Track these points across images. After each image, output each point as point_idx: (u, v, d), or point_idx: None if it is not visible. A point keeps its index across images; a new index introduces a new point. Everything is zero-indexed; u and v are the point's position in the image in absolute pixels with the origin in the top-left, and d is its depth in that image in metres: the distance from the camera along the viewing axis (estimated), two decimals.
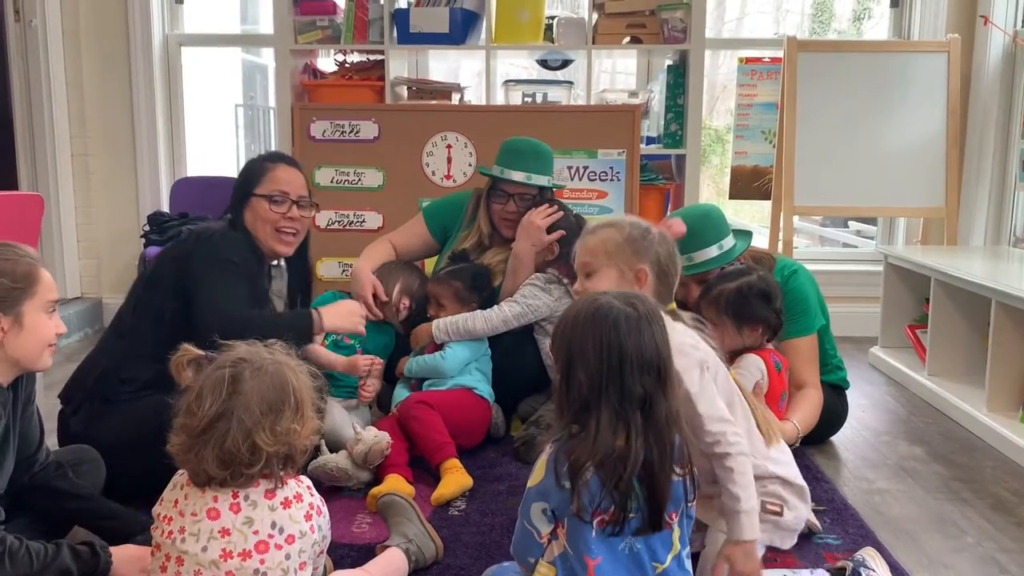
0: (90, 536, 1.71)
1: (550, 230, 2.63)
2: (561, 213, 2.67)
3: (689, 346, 1.63)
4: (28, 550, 1.46)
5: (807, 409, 2.44)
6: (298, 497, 1.38)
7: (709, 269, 2.40)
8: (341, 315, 2.34)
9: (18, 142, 4.08)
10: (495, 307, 2.59)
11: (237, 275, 2.17)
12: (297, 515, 1.37)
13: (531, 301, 2.58)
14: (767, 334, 2.26)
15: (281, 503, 1.36)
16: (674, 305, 1.78)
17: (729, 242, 2.45)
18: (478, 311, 2.58)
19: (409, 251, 2.91)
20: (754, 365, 2.23)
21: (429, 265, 3.02)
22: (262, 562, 1.33)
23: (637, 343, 1.36)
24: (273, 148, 5.27)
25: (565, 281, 2.60)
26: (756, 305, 2.22)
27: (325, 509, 1.44)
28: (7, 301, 1.52)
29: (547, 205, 2.68)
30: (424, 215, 2.96)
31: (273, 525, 1.35)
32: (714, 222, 2.44)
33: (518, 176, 2.72)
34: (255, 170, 2.35)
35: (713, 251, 2.40)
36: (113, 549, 1.60)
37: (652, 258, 1.74)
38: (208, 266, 2.14)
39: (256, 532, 1.34)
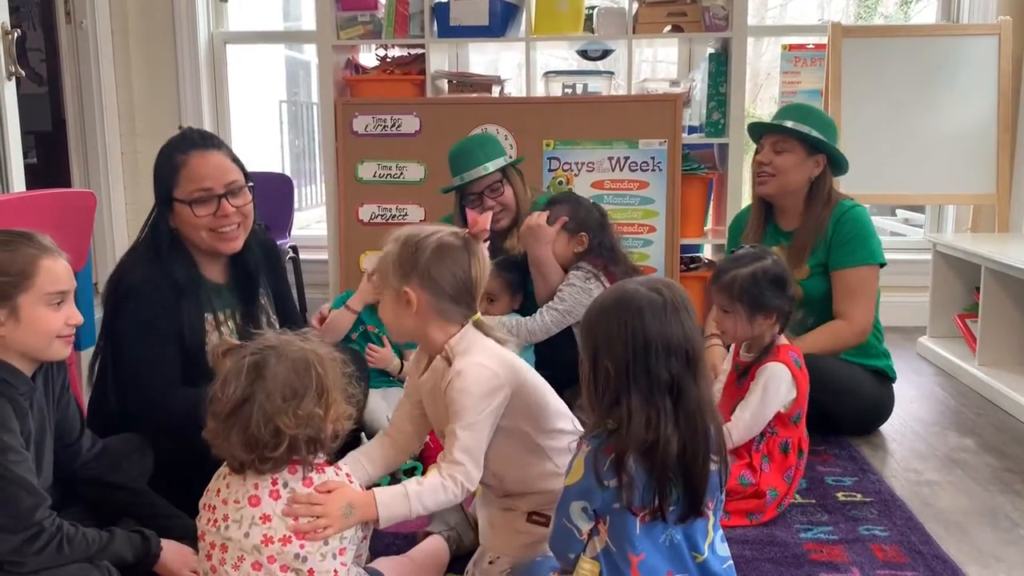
0: (138, 527, 1.73)
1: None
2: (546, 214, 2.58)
3: (482, 384, 1.53)
4: (84, 535, 1.50)
5: (812, 338, 2.49)
6: None
7: (785, 135, 2.54)
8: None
9: (71, 141, 4.18)
10: (535, 316, 2.56)
11: (156, 339, 1.91)
12: None
13: (569, 305, 2.53)
14: (780, 323, 2.08)
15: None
16: (478, 316, 1.60)
17: (820, 137, 2.54)
18: (521, 320, 2.57)
19: None
20: (783, 381, 2.03)
21: None
22: (302, 547, 1.37)
23: (662, 329, 1.35)
24: (317, 144, 5.34)
25: (602, 276, 2.56)
26: (770, 292, 2.04)
27: None
28: (0, 294, 1.50)
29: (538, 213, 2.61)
30: None
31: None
32: (823, 121, 2.58)
33: (475, 172, 2.68)
34: (165, 168, 1.97)
35: (803, 128, 2.53)
36: (161, 540, 1.64)
37: (421, 275, 1.53)
38: (122, 339, 1.92)
39: (296, 519, 1.37)
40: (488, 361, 1.55)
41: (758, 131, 2.67)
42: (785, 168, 2.56)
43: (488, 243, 1.64)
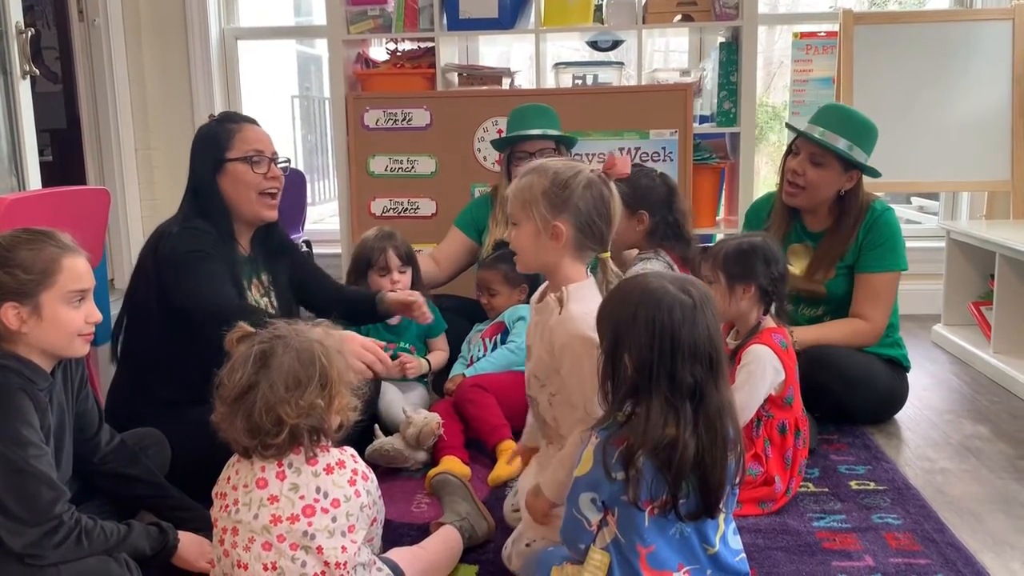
0: (155, 520, 1.74)
1: None
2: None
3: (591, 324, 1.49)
4: (102, 529, 1.52)
5: (829, 328, 2.52)
6: (340, 464, 1.44)
7: (825, 149, 2.47)
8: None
9: (85, 139, 4.21)
10: None
11: (210, 262, 2.04)
12: (340, 480, 1.42)
13: None
14: (763, 302, 2.07)
15: (324, 469, 1.42)
16: (607, 254, 1.61)
17: (860, 155, 2.49)
18: None
19: (451, 258, 2.97)
20: (768, 363, 2.01)
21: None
22: (310, 524, 1.39)
23: (691, 332, 1.32)
24: (329, 138, 5.37)
25: (676, 268, 2.41)
26: (753, 264, 2.05)
27: (372, 475, 1.49)
28: (23, 292, 1.52)
29: None
30: (456, 223, 3.07)
31: (318, 490, 1.41)
32: (865, 131, 2.50)
33: (533, 132, 2.79)
34: (219, 134, 2.16)
35: (841, 143, 2.47)
36: (179, 532, 1.66)
37: (571, 211, 1.56)
38: (177, 266, 2.02)
39: (302, 497, 1.40)
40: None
41: (795, 132, 2.60)
42: (819, 184, 2.52)
43: None
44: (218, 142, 2.14)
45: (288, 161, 2.27)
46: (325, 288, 2.44)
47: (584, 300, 1.57)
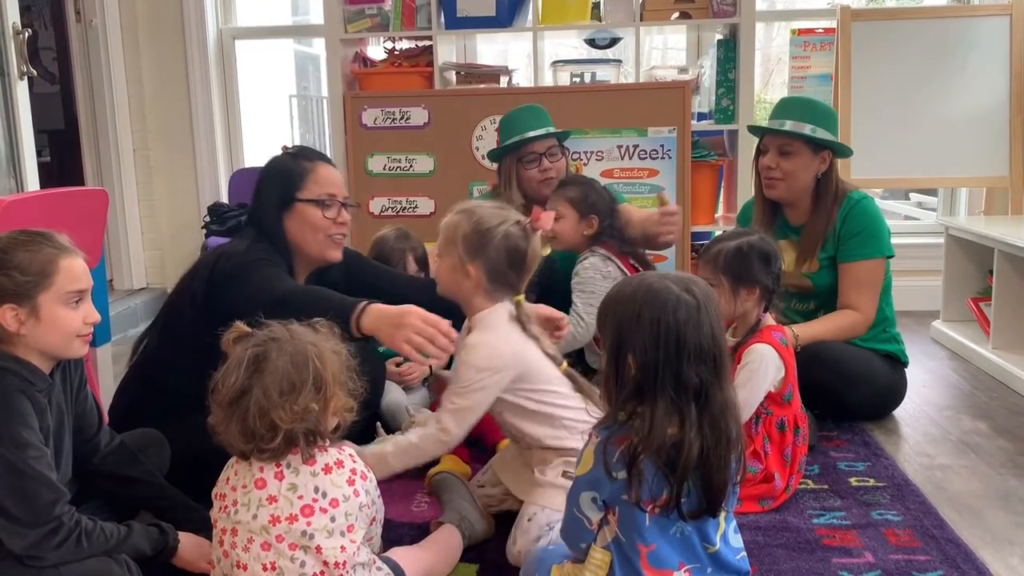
0: (155, 520, 1.75)
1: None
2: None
3: (485, 360, 1.69)
4: (102, 529, 1.52)
5: (823, 323, 2.52)
6: (339, 463, 1.44)
7: (791, 137, 2.51)
8: (391, 323, 1.73)
9: (83, 140, 4.21)
10: (573, 322, 2.50)
11: (275, 266, 2.00)
12: (339, 480, 1.42)
13: (597, 296, 2.49)
14: (764, 300, 2.07)
15: (322, 469, 1.42)
16: (520, 298, 1.77)
17: (824, 134, 2.52)
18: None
19: None
20: (770, 361, 2.02)
21: None
22: (308, 524, 1.39)
23: (696, 332, 1.31)
24: (327, 137, 5.37)
25: (616, 259, 2.58)
26: (755, 265, 2.05)
27: (371, 475, 1.49)
28: (20, 294, 1.52)
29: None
30: None
31: (316, 490, 1.41)
32: (824, 113, 2.55)
33: (539, 132, 2.75)
34: (293, 171, 2.09)
35: (805, 128, 2.50)
36: (179, 533, 1.66)
37: (485, 259, 1.71)
38: (242, 272, 1.95)
39: (301, 497, 1.40)
40: (498, 342, 1.71)
41: (759, 131, 2.65)
42: (793, 171, 2.55)
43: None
44: (291, 179, 2.07)
45: (358, 205, 2.23)
46: (399, 284, 2.37)
47: (490, 327, 1.74)
